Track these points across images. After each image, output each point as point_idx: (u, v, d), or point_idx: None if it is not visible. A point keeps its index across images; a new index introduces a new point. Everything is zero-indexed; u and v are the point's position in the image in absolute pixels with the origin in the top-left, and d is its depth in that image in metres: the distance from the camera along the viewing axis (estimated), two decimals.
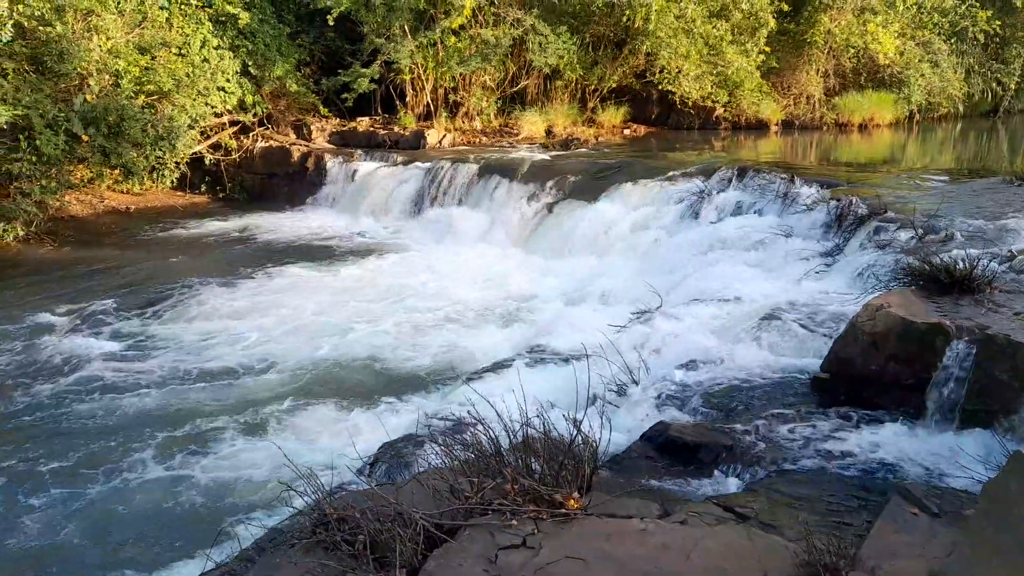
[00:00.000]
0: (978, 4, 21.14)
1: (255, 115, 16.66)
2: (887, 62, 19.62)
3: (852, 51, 19.64)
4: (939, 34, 21.03)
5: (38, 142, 12.13)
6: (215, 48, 14.92)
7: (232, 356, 8.18)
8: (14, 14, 11.71)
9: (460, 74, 17.02)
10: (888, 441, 4.58)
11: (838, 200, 8.84)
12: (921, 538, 3.22)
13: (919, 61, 20.17)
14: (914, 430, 4.68)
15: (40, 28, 12.36)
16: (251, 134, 16.99)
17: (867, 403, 5.02)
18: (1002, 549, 2.42)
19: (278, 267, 11.44)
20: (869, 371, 5.01)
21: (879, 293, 5.91)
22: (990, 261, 5.79)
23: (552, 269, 10.81)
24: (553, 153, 15.09)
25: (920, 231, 7.38)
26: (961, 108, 21.85)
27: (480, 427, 3.78)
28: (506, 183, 13.11)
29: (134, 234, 13.89)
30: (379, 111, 18.56)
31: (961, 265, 5.54)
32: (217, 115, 15.66)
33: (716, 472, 4.49)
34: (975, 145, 18.20)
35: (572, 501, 3.43)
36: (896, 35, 19.43)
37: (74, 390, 7.47)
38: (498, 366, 7.25)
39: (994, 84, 22.43)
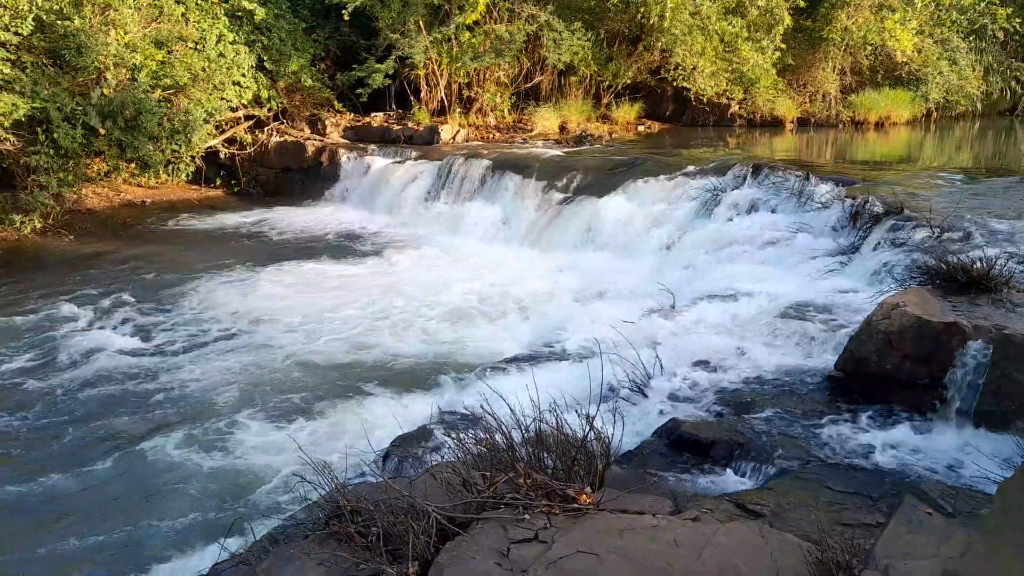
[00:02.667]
0: (998, 2, 20.92)
1: (270, 110, 16.73)
2: (905, 59, 19.45)
3: (869, 48, 19.48)
4: (958, 32, 20.81)
5: (56, 135, 12.24)
6: (231, 43, 14.98)
7: (245, 350, 8.23)
8: (34, 8, 11.81)
9: (474, 70, 17.01)
10: (903, 440, 4.56)
11: (854, 198, 8.79)
12: (935, 538, 3.21)
13: (937, 59, 19.96)
14: (929, 429, 4.66)
15: (59, 22, 12.46)
16: (266, 128, 17.07)
17: (882, 402, 5.00)
18: (1018, 550, 2.41)
19: (292, 262, 11.49)
20: (884, 370, 4.98)
21: (895, 292, 5.87)
22: (1008, 261, 5.75)
23: (565, 265, 10.80)
24: (566, 149, 15.06)
25: (937, 230, 7.32)
26: (979, 106, 21.62)
27: (493, 422, 3.79)
28: (519, 179, 13.10)
29: (150, 227, 13.99)
30: (393, 106, 18.59)
31: (978, 264, 5.50)
32: (232, 109, 15.73)
33: (729, 469, 4.48)
34: (993, 144, 18.02)
35: (584, 496, 3.44)
36: (914, 32, 19.24)
37: (91, 381, 7.54)
38: (510, 361, 7.26)
39: (1013, 83, 22.17)
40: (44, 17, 12.30)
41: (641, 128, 18.63)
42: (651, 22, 16.48)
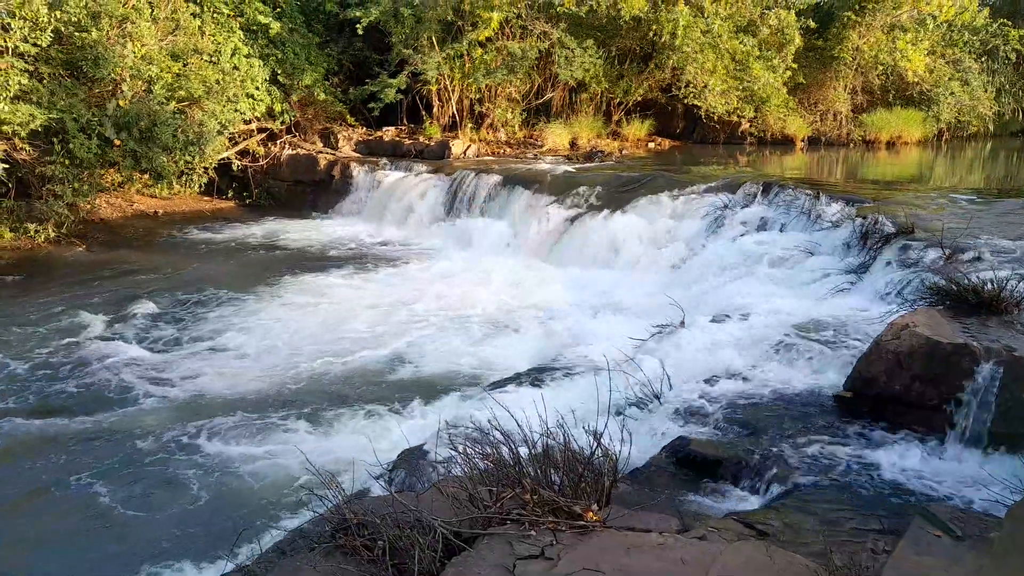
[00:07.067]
0: (1010, 23, 20.94)
1: (283, 123, 16.87)
2: (916, 80, 19.46)
3: (881, 68, 19.51)
4: (970, 52, 20.83)
5: (71, 146, 12.37)
6: (245, 56, 15.15)
7: (255, 361, 8.26)
8: (53, 20, 11.98)
9: (486, 86, 17.12)
10: (911, 462, 4.53)
11: (864, 218, 8.78)
12: (944, 561, 3.18)
13: (949, 79, 19.98)
14: (938, 451, 4.63)
15: (76, 34, 12.62)
16: (279, 141, 17.21)
17: (890, 423, 4.97)
18: None
19: (303, 274, 11.54)
20: (893, 391, 4.96)
21: (905, 312, 5.85)
22: (1019, 282, 5.72)
23: (574, 281, 10.80)
24: (577, 165, 15.12)
25: (947, 251, 7.30)
26: (991, 127, 21.61)
27: (500, 437, 3.79)
28: (529, 194, 13.15)
29: (162, 238, 14.09)
30: (405, 121, 18.71)
31: (989, 286, 5.48)
32: (246, 122, 15.88)
33: (737, 488, 4.46)
34: (1005, 165, 17.97)
35: (591, 513, 3.43)
36: (926, 53, 19.27)
37: (100, 391, 7.57)
38: (519, 376, 7.27)
39: None
40: (62, 29, 12.46)
41: (651, 145, 18.69)
42: (662, 40, 16.57)
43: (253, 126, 16.48)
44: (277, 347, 8.62)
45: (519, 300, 10.15)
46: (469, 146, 16.95)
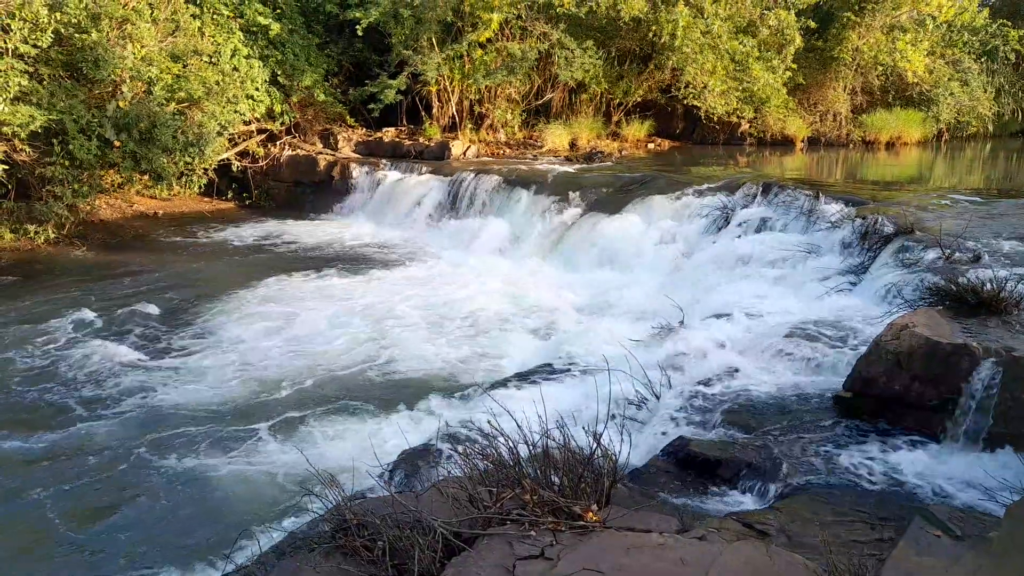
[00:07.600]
0: (1010, 24, 20.95)
1: (283, 124, 16.87)
2: (916, 80, 19.48)
3: (880, 69, 19.53)
4: (969, 53, 20.85)
5: (71, 147, 12.37)
6: (245, 57, 15.17)
7: (253, 362, 8.25)
8: (52, 21, 11.98)
9: (486, 86, 17.13)
10: (911, 462, 4.54)
11: (863, 218, 8.78)
12: (944, 560, 3.19)
13: (948, 80, 20.00)
14: (938, 451, 4.64)
15: (76, 35, 12.62)
16: (278, 142, 17.21)
17: (890, 423, 4.98)
18: None
19: (302, 274, 11.55)
20: (893, 391, 4.96)
21: (904, 312, 5.86)
22: (1018, 283, 5.72)
23: (574, 281, 10.81)
24: (577, 166, 15.13)
25: (947, 251, 7.31)
26: (990, 128, 21.63)
27: (500, 437, 3.79)
28: (529, 195, 13.16)
29: (162, 239, 14.09)
30: (405, 122, 18.72)
31: (988, 286, 5.49)
32: (246, 123, 15.88)
33: (736, 488, 4.47)
34: (1004, 165, 17.97)
35: (591, 514, 3.43)
36: (925, 53, 19.28)
37: (98, 391, 7.57)
38: (518, 377, 7.27)
39: None
40: (62, 30, 12.46)
41: (651, 146, 18.70)
42: (662, 41, 16.58)
43: (253, 127, 16.49)
44: (272, 347, 8.61)
45: (519, 301, 10.15)
46: (469, 147, 16.96)
